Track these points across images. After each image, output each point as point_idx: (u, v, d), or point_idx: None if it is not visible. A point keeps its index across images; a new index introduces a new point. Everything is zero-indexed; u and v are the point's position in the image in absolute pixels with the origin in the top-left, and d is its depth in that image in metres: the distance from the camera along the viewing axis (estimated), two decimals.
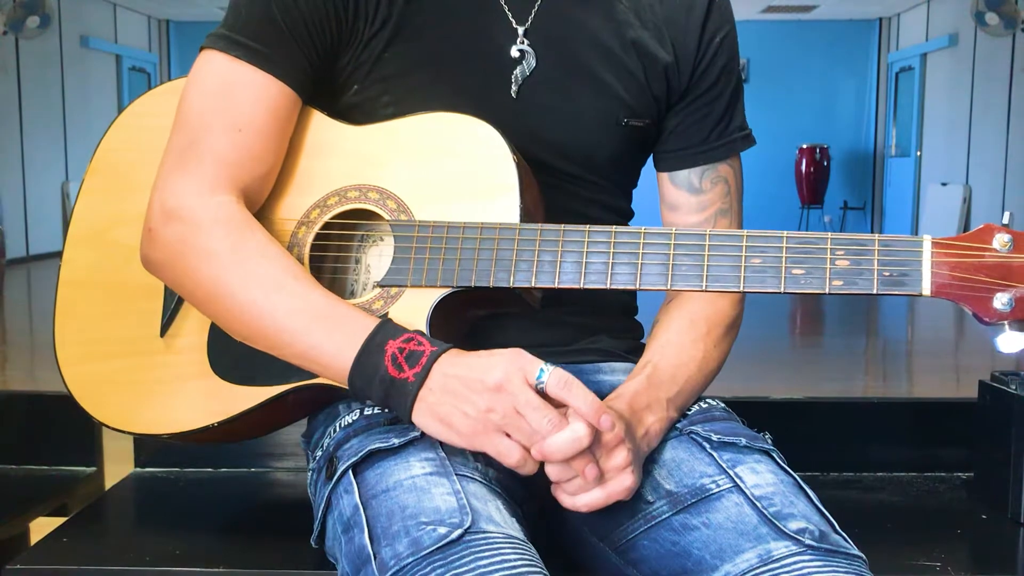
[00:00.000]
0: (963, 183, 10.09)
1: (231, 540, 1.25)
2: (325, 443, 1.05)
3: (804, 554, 0.90)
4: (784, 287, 0.91)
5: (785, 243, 0.91)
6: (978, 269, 0.88)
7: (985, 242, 0.89)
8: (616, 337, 1.17)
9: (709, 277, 0.93)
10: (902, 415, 1.58)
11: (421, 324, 0.99)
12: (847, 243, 0.90)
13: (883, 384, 5.03)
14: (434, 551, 0.83)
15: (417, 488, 0.90)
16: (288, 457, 1.52)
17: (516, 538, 0.86)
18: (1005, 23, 9.29)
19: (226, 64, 1.03)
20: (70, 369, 1.13)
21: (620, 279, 0.95)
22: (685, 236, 0.94)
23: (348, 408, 1.06)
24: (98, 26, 11.05)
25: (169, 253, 1.02)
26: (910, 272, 0.89)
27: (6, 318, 7.00)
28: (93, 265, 1.14)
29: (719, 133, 1.15)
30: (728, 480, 0.98)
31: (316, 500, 1.03)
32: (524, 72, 1.08)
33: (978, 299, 0.88)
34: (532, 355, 0.92)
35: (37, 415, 1.56)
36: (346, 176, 1.06)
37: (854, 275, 0.89)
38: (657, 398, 1.03)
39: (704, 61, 1.12)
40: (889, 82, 12.09)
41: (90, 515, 1.35)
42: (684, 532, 0.96)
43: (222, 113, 1.02)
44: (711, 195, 1.15)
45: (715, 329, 1.11)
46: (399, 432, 0.97)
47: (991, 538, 1.32)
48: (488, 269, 0.97)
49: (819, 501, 0.97)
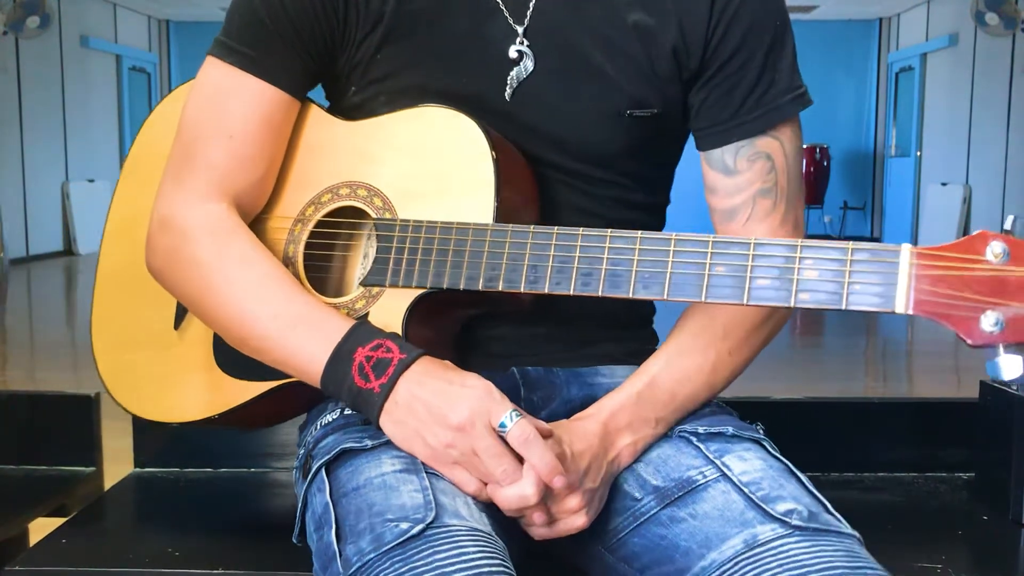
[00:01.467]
0: (963, 183, 10.08)
1: (231, 540, 1.25)
2: (307, 440, 1.07)
3: (791, 536, 0.88)
4: (747, 299, 0.83)
5: (752, 250, 0.84)
6: (966, 284, 0.76)
7: (976, 252, 0.77)
8: (619, 340, 1.14)
9: (672, 285, 0.87)
10: (902, 415, 1.57)
11: (397, 326, 0.99)
12: (816, 252, 0.82)
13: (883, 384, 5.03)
14: (395, 547, 0.83)
15: (386, 486, 0.90)
16: (288, 457, 1.52)
17: (480, 531, 0.86)
18: (1005, 23, 9.29)
19: (221, 71, 1.05)
20: (103, 358, 1.18)
21: (584, 286, 0.91)
22: (651, 240, 0.89)
23: (334, 406, 1.07)
24: (98, 26, 11.04)
25: (164, 261, 1.06)
26: (883, 285, 0.79)
27: (6, 318, 7.00)
28: (125, 258, 1.17)
29: (753, 104, 1.03)
30: (715, 470, 0.97)
31: (298, 498, 1.04)
32: (521, 74, 1.05)
33: (962, 319, 0.76)
34: (501, 396, 0.92)
35: (37, 415, 1.56)
36: (339, 173, 1.06)
37: (821, 289, 0.81)
38: (643, 417, 1.01)
39: (717, 33, 1.02)
40: (889, 82, 12.09)
41: (90, 515, 1.35)
42: (671, 525, 0.96)
43: (215, 121, 1.05)
44: (749, 175, 1.05)
45: (734, 333, 1.05)
46: (372, 433, 0.97)
47: (992, 539, 1.32)
48: (459, 272, 0.96)
49: (812, 485, 0.95)
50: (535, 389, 1.09)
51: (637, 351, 1.13)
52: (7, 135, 9.55)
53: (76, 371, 4.53)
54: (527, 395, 1.09)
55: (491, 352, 1.09)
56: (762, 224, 1.06)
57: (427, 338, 1.00)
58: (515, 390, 1.08)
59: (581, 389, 1.10)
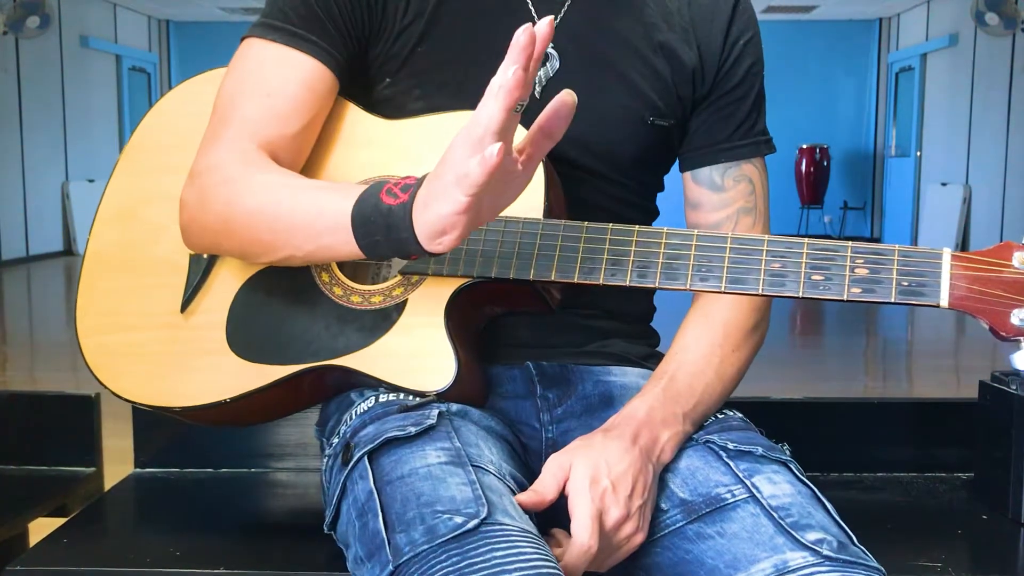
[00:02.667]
0: (963, 183, 10.09)
1: (231, 540, 1.25)
2: (341, 430, 1.06)
3: (821, 565, 0.89)
4: (803, 292, 0.91)
5: (806, 249, 0.92)
6: (997, 284, 0.87)
7: (1004, 259, 0.88)
8: (630, 341, 1.17)
9: (728, 279, 0.93)
10: (902, 415, 1.57)
11: (439, 312, 1.00)
12: (866, 252, 0.91)
13: (883, 384, 5.03)
14: (450, 539, 0.83)
15: (432, 476, 0.90)
16: (288, 457, 1.52)
17: (531, 532, 0.86)
18: (1005, 23, 9.29)
19: (261, 47, 1.06)
20: (88, 339, 1.14)
21: (640, 277, 0.95)
22: (707, 238, 0.94)
23: (361, 396, 1.07)
24: (98, 26, 11.05)
25: (197, 201, 1.04)
26: (928, 283, 0.88)
27: (6, 318, 7.00)
28: (120, 241, 1.16)
29: (744, 133, 1.15)
30: (744, 490, 0.97)
31: (331, 487, 1.04)
32: (548, 73, 1.09)
33: (996, 313, 0.87)
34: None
35: (37, 415, 1.56)
36: (377, 166, 1.07)
37: (872, 283, 0.89)
38: (674, 413, 1.03)
39: (728, 63, 1.13)
40: (889, 82, 12.09)
41: (90, 515, 1.35)
42: (698, 541, 0.96)
43: (252, 84, 1.05)
44: (733, 193, 1.15)
45: (733, 334, 1.11)
46: (415, 420, 0.98)
47: (991, 538, 1.32)
48: (509, 262, 0.98)
49: (837, 514, 0.96)
50: (551, 385, 1.11)
51: (645, 352, 1.18)
52: (7, 135, 9.55)
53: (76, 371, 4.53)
54: (543, 391, 1.10)
55: (508, 346, 1.11)
56: None
57: (459, 329, 1.01)
58: (531, 384, 1.10)
59: (596, 386, 1.12)
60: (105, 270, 1.16)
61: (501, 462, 0.98)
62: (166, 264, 1.12)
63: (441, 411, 1.00)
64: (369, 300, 1.04)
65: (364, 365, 1.02)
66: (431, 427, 0.97)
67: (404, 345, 1.02)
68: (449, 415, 1.01)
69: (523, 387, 1.10)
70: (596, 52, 1.10)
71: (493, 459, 0.97)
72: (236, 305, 1.08)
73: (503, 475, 0.96)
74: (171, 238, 1.12)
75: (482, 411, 1.06)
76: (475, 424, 1.02)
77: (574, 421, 1.09)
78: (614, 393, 1.08)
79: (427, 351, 1.01)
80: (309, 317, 1.05)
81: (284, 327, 1.06)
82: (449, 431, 0.97)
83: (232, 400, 1.05)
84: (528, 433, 1.10)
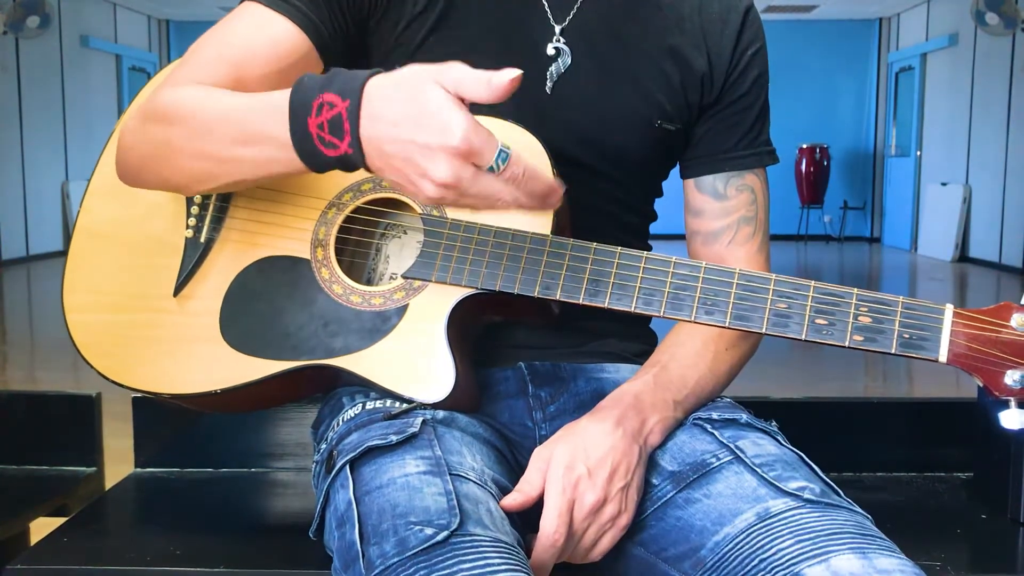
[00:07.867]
0: (963, 183, 10.09)
1: (231, 540, 1.25)
2: (329, 436, 1.06)
3: (803, 507, 0.91)
4: (806, 335, 0.92)
5: (812, 292, 0.92)
6: (994, 344, 0.88)
7: (1003, 319, 0.89)
8: (625, 340, 1.18)
9: (733, 315, 0.93)
10: (902, 415, 1.58)
11: (441, 320, 1.00)
12: (871, 300, 0.91)
13: (883, 384, 5.03)
14: (419, 552, 0.83)
15: (410, 487, 0.90)
16: (288, 457, 1.52)
17: (504, 542, 0.86)
18: (1005, 23, 9.29)
19: (249, 8, 1.03)
20: (75, 316, 1.12)
21: (646, 305, 0.95)
22: (715, 271, 0.94)
23: (352, 401, 1.07)
24: (98, 26, 11.05)
25: (134, 130, 1.02)
26: (929, 337, 0.89)
27: (6, 318, 7.00)
28: (113, 216, 1.13)
29: (748, 143, 1.16)
30: (728, 453, 1.00)
31: (317, 493, 1.04)
32: (559, 69, 1.09)
33: (990, 372, 0.88)
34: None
35: (37, 415, 1.56)
36: None
37: (875, 333, 0.90)
38: (663, 399, 1.04)
39: (736, 71, 1.14)
40: (889, 82, 12.10)
41: (90, 515, 1.35)
42: (687, 506, 0.98)
43: (220, 35, 1.03)
44: (735, 202, 1.15)
45: (727, 333, 1.11)
46: (398, 428, 0.98)
47: (991, 538, 1.32)
48: (514, 276, 0.97)
49: (823, 474, 0.98)
50: (543, 384, 1.11)
51: (640, 350, 1.18)
52: (7, 135, 9.55)
53: (76, 371, 4.53)
54: (535, 390, 1.10)
55: (502, 348, 1.11)
56: (742, 248, 1.14)
57: (457, 337, 1.01)
58: (523, 383, 1.10)
59: (588, 383, 1.12)
60: (96, 245, 1.13)
61: (484, 468, 0.98)
62: (160, 243, 1.10)
63: (425, 419, 1.00)
64: (369, 301, 1.03)
65: (361, 368, 1.02)
66: (413, 435, 0.97)
67: (403, 351, 1.01)
68: (434, 423, 1.00)
69: (516, 387, 1.11)
70: (607, 52, 1.10)
71: (476, 466, 0.97)
72: (232, 293, 1.06)
73: (485, 482, 0.95)
74: (168, 216, 1.10)
75: (470, 417, 1.06)
76: (461, 431, 1.02)
77: (567, 418, 1.09)
78: (607, 390, 1.09)
79: (426, 359, 1.00)
80: (307, 313, 1.04)
81: (280, 320, 1.05)
82: (431, 439, 0.97)
83: (222, 391, 1.04)
84: (521, 432, 1.10)
